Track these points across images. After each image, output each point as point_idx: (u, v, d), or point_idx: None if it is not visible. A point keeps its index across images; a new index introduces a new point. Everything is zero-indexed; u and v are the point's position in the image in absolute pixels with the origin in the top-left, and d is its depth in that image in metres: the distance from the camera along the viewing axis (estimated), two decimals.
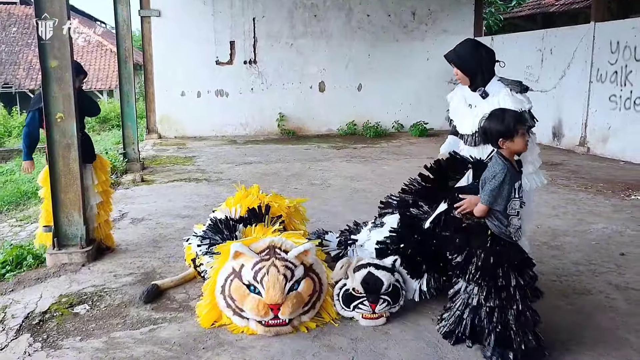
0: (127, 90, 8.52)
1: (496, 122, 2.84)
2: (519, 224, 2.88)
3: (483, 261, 2.85)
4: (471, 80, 3.38)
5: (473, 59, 3.36)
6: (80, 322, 3.44)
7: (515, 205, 2.82)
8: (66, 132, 4.32)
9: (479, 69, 3.34)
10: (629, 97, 9.03)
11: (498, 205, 2.80)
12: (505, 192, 2.78)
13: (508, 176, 2.76)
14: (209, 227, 3.95)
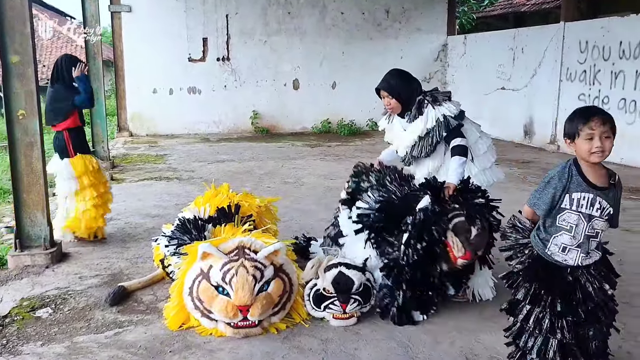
0: (96, 88, 8.30)
1: (567, 120, 2.49)
2: (568, 245, 2.44)
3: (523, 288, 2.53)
4: (404, 108, 3.63)
5: (406, 88, 3.61)
6: (42, 327, 3.33)
7: (565, 220, 2.42)
8: (28, 130, 4.18)
9: (413, 96, 3.59)
10: (597, 96, 9.19)
11: (539, 210, 2.47)
12: (547, 197, 2.41)
13: (556, 179, 2.41)
14: (177, 227, 3.86)
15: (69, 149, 4.77)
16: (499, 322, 3.34)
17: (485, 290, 3.69)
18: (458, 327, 3.32)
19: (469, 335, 3.23)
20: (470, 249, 3.16)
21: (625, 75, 8.67)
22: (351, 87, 13.20)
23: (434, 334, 3.24)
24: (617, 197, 2.47)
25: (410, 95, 3.59)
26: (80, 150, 4.84)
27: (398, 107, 3.64)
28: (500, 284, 3.76)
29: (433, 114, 3.52)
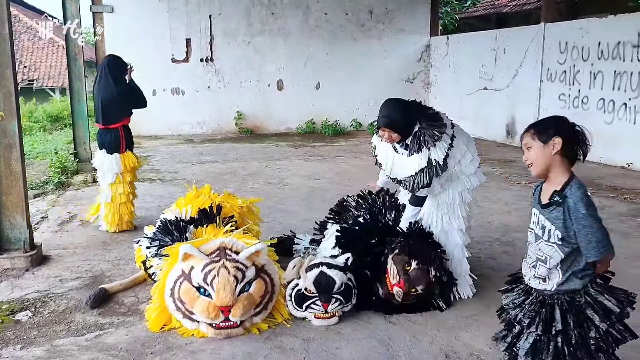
0: (77, 88, 8.26)
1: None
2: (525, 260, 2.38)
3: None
4: (403, 138, 3.51)
5: (407, 121, 3.46)
6: (21, 330, 3.30)
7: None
8: (7, 132, 4.15)
9: (412, 127, 3.47)
10: (577, 96, 9.32)
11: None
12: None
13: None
14: (158, 228, 3.86)
15: (122, 145, 5.16)
16: (478, 320, 3.41)
17: (465, 289, 3.74)
18: (438, 326, 3.36)
19: (449, 333, 3.27)
20: (405, 279, 3.35)
21: (604, 75, 8.80)
22: (335, 87, 13.24)
23: (414, 332, 3.27)
24: (566, 218, 2.13)
25: (410, 127, 3.49)
26: (129, 147, 5.26)
27: (398, 138, 3.54)
28: (478, 282, 3.83)
29: (426, 157, 3.44)
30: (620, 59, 8.51)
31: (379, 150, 3.82)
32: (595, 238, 2.08)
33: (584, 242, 2.10)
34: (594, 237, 2.08)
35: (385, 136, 3.54)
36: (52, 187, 7.11)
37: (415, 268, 3.37)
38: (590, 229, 2.08)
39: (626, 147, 8.44)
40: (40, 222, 5.56)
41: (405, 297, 3.41)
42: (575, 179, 2.16)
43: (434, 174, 3.43)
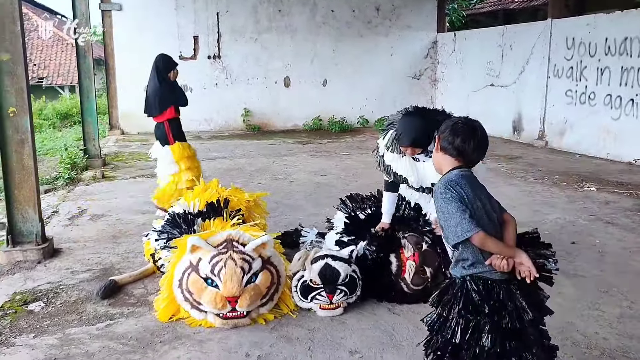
0: (86, 85, 8.38)
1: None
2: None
3: None
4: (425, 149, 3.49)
5: (429, 136, 3.37)
6: (34, 320, 3.39)
7: None
8: (19, 127, 4.23)
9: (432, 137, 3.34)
10: (584, 92, 9.32)
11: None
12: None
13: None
14: (167, 221, 3.94)
15: (169, 137, 5.48)
16: None
17: None
18: None
19: None
20: (419, 253, 3.50)
21: (610, 71, 8.80)
22: (342, 84, 13.28)
23: (417, 323, 3.31)
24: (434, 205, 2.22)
25: (431, 139, 3.38)
26: (178, 139, 5.51)
27: (420, 151, 3.52)
28: None
29: None
30: (627, 54, 8.50)
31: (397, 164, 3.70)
32: (452, 222, 2.10)
33: (444, 226, 2.16)
34: (449, 221, 2.11)
35: (409, 152, 3.52)
36: (62, 183, 7.21)
37: (425, 249, 3.52)
38: (444, 214, 2.13)
39: (633, 143, 8.44)
40: (51, 217, 5.65)
41: (414, 280, 3.46)
42: (453, 171, 2.20)
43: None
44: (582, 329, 3.22)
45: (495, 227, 2.16)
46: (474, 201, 2.13)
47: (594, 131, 9.14)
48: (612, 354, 2.94)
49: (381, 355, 2.98)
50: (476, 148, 2.19)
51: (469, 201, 2.12)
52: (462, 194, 2.11)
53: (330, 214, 4.65)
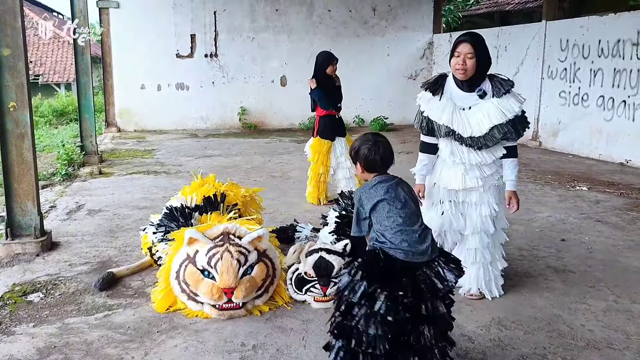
0: (84, 82, 8.43)
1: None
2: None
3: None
4: (479, 72, 3.16)
5: (487, 50, 3.20)
6: (33, 310, 3.45)
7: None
8: (19, 122, 4.29)
9: (488, 66, 3.21)
10: (577, 93, 9.43)
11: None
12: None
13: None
14: (164, 214, 4.01)
15: (314, 131, 6.05)
16: (471, 305, 3.54)
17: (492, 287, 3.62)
18: None
19: None
20: None
21: (603, 72, 8.90)
22: None
23: None
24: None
25: (489, 64, 3.21)
26: (321, 135, 5.97)
27: (472, 71, 3.16)
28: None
29: (514, 101, 3.24)
30: (620, 56, 8.61)
31: (434, 108, 3.33)
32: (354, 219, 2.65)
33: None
34: (354, 218, 2.65)
35: (459, 61, 3.16)
36: (59, 179, 7.26)
37: None
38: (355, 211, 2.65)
39: (625, 144, 8.55)
40: (49, 211, 5.71)
41: None
42: (374, 179, 2.63)
43: (527, 121, 3.33)
44: (568, 322, 3.30)
45: (412, 216, 2.54)
46: (383, 194, 2.54)
47: (587, 132, 9.26)
48: (597, 345, 3.03)
49: None
50: (383, 158, 2.63)
51: (379, 195, 2.54)
52: (366, 197, 2.57)
53: (325, 211, 4.73)
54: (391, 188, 2.58)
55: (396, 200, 2.54)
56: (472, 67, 3.14)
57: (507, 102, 3.22)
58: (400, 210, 2.52)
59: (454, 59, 3.20)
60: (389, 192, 2.56)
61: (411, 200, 2.60)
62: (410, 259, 2.45)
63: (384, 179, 2.63)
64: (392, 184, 2.61)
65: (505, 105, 3.22)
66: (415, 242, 2.47)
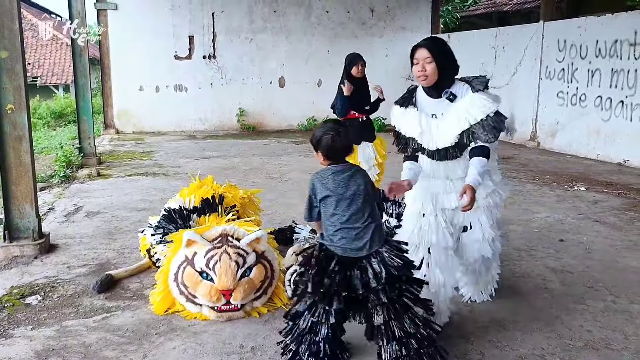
0: (82, 84, 8.42)
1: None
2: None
3: None
4: (441, 77, 2.97)
5: (447, 52, 3.03)
6: (31, 312, 3.45)
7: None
8: (17, 124, 4.29)
9: (452, 68, 3.02)
10: (575, 94, 9.44)
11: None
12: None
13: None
14: (163, 216, 4.01)
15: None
16: (470, 305, 3.54)
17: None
18: None
19: None
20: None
21: (601, 73, 8.92)
22: (336, 85, 13.22)
23: None
24: None
25: (452, 67, 3.03)
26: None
27: (434, 77, 2.97)
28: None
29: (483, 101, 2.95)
30: (617, 57, 8.63)
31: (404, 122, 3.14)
32: (305, 205, 2.82)
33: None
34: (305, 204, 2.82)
35: (418, 69, 2.99)
36: (57, 181, 7.26)
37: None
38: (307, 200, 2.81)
39: (623, 144, 8.56)
40: (47, 214, 5.70)
41: None
42: (326, 170, 2.77)
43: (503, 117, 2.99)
44: (567, 322, 3.31)
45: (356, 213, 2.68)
46: (332, 189, 2.69)
47: (585, 132, 9.27)
48: (595, 346, 3.03)
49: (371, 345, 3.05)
50: (342, 149, 2.76)
51: (329, 189, 2.69)
52: (319, 187, 2.72)
53: None
54: (343, 182, 2.70)
55: (343, 199, 2.68)
56: (433, 71, 2.95)
57: (478, 101, 2.94)
58: (345, 208, 2.67)
59: (414, 67, 3.04)
60: (339, 187, 2.69)
61: (361, 195, 2.70)
62: (348, 254, 2.67)
63: (340, 169, 2.74)
64: (346, 176, 2.71)
65: (475, 104, 2.94)
66: (353, 240, 2.67)
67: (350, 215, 2.67)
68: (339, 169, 2.74)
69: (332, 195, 2.69)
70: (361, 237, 2.67)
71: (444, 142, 3.01)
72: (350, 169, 2.76)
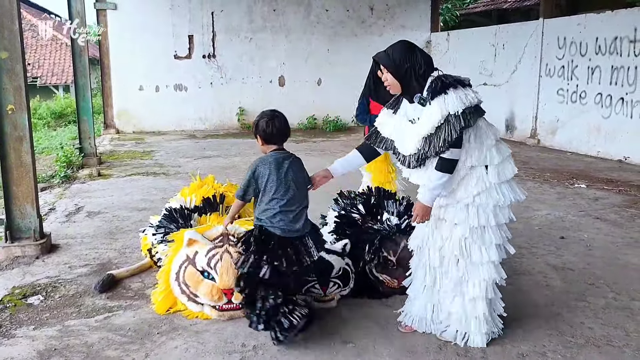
0: (82, 84, 8.42)
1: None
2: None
3: None
4: (404, 86, 2.91)
5: (406, 61, 2.87)
6: (33, 312, 3.46)
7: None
8: (17, 125, 4.30)
9: (412, 73, 2.86)
10: (575, 91, 9.44)
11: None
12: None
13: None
14: (164, 216, 4.01)
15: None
16: None
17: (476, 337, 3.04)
18: None
19: None
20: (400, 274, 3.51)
21: (601, 70, 8.91)
22: (336, 83, 13.35)
23: None
24: None
25: (411, 69, 2.86)
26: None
27: (396, 85, 2.93)
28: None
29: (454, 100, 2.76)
30: (617, 54, 8.62)
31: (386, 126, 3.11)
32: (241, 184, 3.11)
33: None
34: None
35: (383, 77, 2.98)
36: (58, 181, 7.26)
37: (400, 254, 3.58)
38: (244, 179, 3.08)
39: (623, 141, 8.56)
40: (48, 214, 5.71)
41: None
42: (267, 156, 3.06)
43: (461, 125, 2.73)
44: (568, 319, 3.31)
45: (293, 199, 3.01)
46: (274, 175, 2.98)
47: (585, 129, 9.27)
48: (597, 343, 3.04)
49: (374, 345, 3.06)
50: (277, 133, 3.06)
51: (270, 175, 2.98)
52: (261, 172, 3.00)
53: (324, 211, 4.72)
54: (282, 169, 3.00)
55: (282, 186, 2.98)
56: (392, 81, 2.91)
57: (441, 103, 2.77)
58: (283, 194, 2.98)
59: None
60: (279, 173, 2.99)
61: (298, 182, 3.03)
62: (286, 235, 2.99)
63: (279, 157, 3.04)
64: (286, 163, 3.02)
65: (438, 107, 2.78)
66: (290, 222, 3.00)
67: (288, 199, 2.98)
68: (279, 156, 3.04)
69: (273, 182, 2.97)
70: (298, 219, 3.02)
71: (409, 150, 2.94)
72: (289, 157, 3.07)
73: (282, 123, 3.09)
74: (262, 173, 3.00)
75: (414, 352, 2.98)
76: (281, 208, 2.98)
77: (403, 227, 3.78)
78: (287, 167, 3.02)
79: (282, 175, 3.00)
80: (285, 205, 2.98)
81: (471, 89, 2.89)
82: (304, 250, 3.03)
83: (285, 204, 2.98)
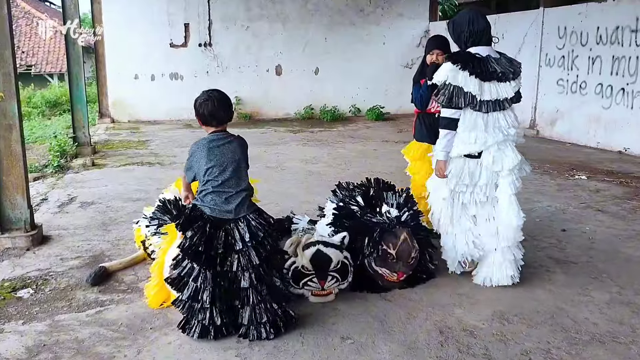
0: (76, 72, 8.27)
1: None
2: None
3: None
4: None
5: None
6: (23, 306, 3.36)
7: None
8: (7, 113, 4.18)
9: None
10: (575, 81, 9.34)
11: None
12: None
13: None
14: (157, 207, 3.91)
15: (413, 132, 4.71)
16: (472, 297, 3.47)
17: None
18: (432, 303, 3.42)
19: (443, 309, 3.33)
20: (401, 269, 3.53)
21: (602, 60, 8.81)
22: (334, 73, 13.22)
23: (409, 309, 3.34)
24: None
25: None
26: (415, 137, 4.64)
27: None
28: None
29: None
30: (618, 43, 8.52)
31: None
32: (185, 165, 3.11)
33: None
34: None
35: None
36: (51, 171, 7.15)
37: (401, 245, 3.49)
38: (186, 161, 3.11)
39: (624, 132, 8.47)
40: (40, 204, 5.60)
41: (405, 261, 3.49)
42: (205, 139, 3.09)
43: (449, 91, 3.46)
44: (572, 315, 3.24)
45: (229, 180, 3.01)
46: (206, 157, 2.98)
47: (585, 120, 9.18)
48: (602, 339, 2.96)
49: (372, 340, 2.98)
50: (210, 115, 3.08)
51: (205, 157, 2.99)
52: (197, 154, 3.02)
53: (322, 202, 4.63)
54: (219, 151, 3.00)
55: (215, 167, 2.97)
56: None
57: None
58: (217, 175, 2.97)
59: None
60: (216, 156, 2.99)
61: (235, 163, 3.01)
62: (216, 215, 2.95)
63: (217, 138, 3.04)
64: (222, 145, 3.02)
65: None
66: (222, 203, 2.97)
67: (222, 181, 2.97)
68: (216, 138, 3.04)
69: (208, 162, 2.97)
70: (230, 201, 2.98)
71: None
72: (227, 138, 3.06)
73: (218, 105, 3.07)
74: (197, 156, 3.02)
75: (414, 348, 2.90)
76: (214, 189, 2.98)
77: (403, 220, 3.70)
78: (224, 150, 3.02)
79: (217, 157, 2.98)
80: (219, 187, 2.98)
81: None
82: (236, 234, 2.93)
83: (218, 185, 2.98)
